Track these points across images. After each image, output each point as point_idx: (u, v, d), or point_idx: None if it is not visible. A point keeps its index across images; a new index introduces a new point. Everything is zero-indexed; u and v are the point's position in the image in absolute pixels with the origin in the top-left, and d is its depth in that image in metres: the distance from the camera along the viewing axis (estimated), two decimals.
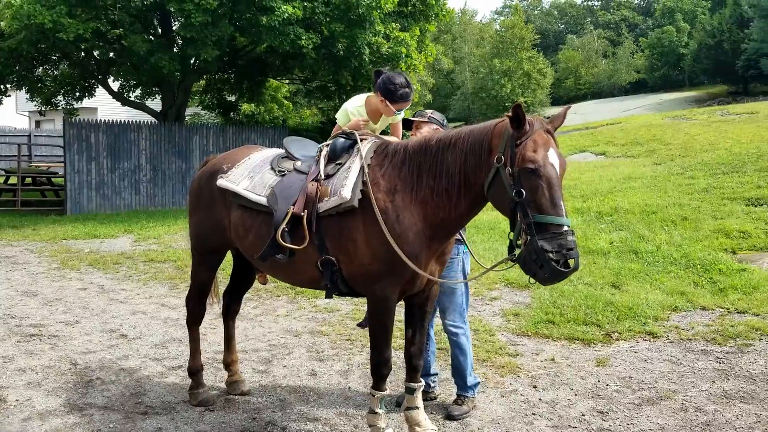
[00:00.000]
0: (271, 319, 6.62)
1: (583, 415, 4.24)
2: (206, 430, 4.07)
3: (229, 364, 4.68)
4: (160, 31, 16.94)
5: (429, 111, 4.47)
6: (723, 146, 14.93)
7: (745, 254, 8.14)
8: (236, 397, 4.57)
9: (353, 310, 6.81)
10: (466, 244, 4.21)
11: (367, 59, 14.81)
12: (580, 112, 35.16)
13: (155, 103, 20.18)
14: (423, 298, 3.84)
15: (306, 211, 3.57)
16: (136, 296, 7.63)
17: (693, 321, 6.15)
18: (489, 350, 5.48)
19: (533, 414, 4.27)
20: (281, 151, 4.12)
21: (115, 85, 19.37)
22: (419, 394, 3.86)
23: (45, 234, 12.25)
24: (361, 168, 3.54)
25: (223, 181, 4.04)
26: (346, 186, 3.48)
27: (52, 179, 18.97)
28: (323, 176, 3.67)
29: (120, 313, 6.82)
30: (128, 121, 16.95)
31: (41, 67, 18.51)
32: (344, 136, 3.82)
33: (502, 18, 62.68)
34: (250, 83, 19.78)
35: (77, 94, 19.19)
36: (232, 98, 21.83)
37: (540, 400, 4.50)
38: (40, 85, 18.50)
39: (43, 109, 20.09)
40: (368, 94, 4.06)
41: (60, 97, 19.23)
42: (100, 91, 19.28)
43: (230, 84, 20.57)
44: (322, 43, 14.48)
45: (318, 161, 3.78)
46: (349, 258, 3.54)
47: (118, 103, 19.01)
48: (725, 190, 10.96)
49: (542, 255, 2.96)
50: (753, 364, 5.05)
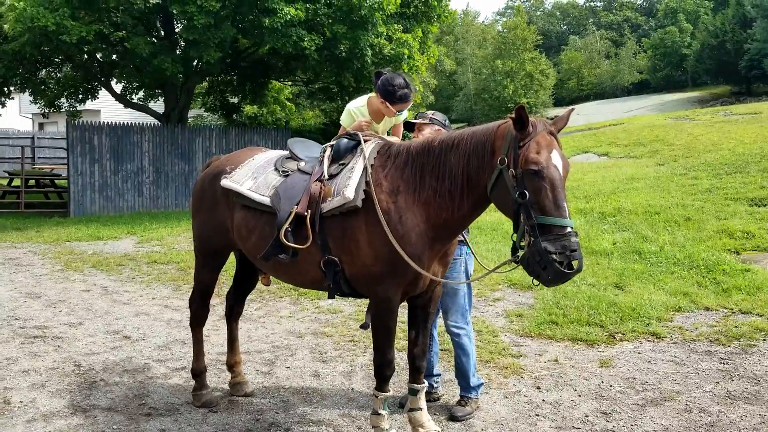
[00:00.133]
0: (274, 321, 6.62)
1: (587, 416, 4.24)
2: (210, 431, 4.08)
3: (232, 366, 4.68)
4: (162, 33, 16.97)
5: (430, 112, 4.46)
6: (726, 147, 14.91)
7: (749, 255, 8.12)
8: (239, 398, 4.58)
9: (356, 312, 6.81)
10: (469, 245, 4.20)
11: (369, 61, 14.81)
12: (582, 113, 35.09)
13: (158, 105, 20.22)
14: (426, 300, 3.84)
15: (309, 211, 3.58)
16: (139, 298, 7.64)
17: (696, 322, 6.14)
18: (492, 351, 5.48)
19: (536, 415, 4.27)
20: (285, 152, 4.13)
21: (118, 88, 19.41)
22: (422, 396, 3.86)
23: (48, 236, 12.27)
24: (364, 168, 3.55)
25: (226, 181, 4.04)
26: (350, 186, 3.48)
27: (56, 181, 19.02)
28: (327, 176, 3.67)
29: (123, 315, 6.83)
30: (131, 123, 16.98)
31: (44, 70, 18.55)
32: (348, 136, 3.83)
33: (505, 19, 62.67)
34: (252, 85, 19.80)
35: (80, 97, 19.25)
36: (235, 100, 21.85)
37: (543, 401, 4.49)
38: (43, 87, 18.56)
39: (47, 112, 20.15)
40: (370, 95, 4.06)
41: (63, 100, 19.29)
42: (103, 94, 19.33)
43: (233, 86, 20.59)
44: (325, 45, 14.49)
45: (322, 162, 3.79)
46: (352, 258, 3.54)
47: (121, 105, 19.04)
48: (728, 191, 10.94)
49: (545, 256, 2.96)
50: (757, 365, 5.04)
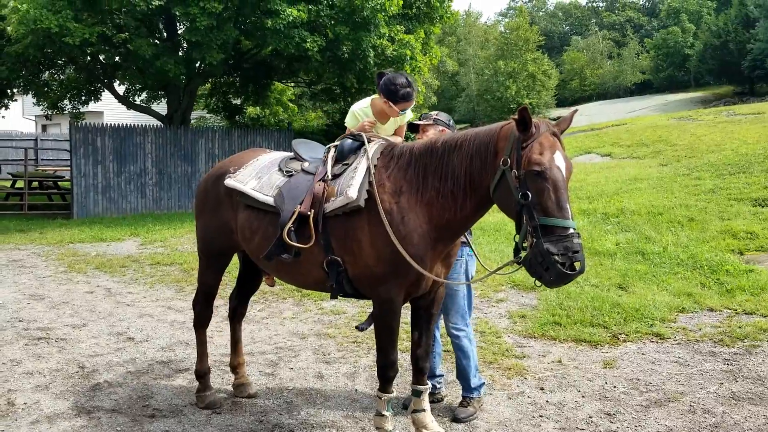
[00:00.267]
0: (278, 322, 6.63)
1: (591, 417, 4.23)
2: None
3: (235, 367, 4.69)
4: (165, 35, 17.00)
5: (434, 112, 4.46)
6: (729, 147, 14.87)
7: (753, 255, 8.11)
8: (243, 399, 4.58)
9: (359, 313, 6.81)
10: (471, 246, 4.20)
11: (371, 62, 14.82)
12: (585, 114, 35.07)
13: (161, 107, 20.23)
14: (429, 301, 3.84)
15: (312, 211, 3.59)
16: (142, 299, 7.65)
17: (700, 322, 6.13)
18: (496, 352, 5.47)
19: (540, 416, 4.26)
20: (289, 153, 4.14)
21: (121, 89, 19.44)
22: (426, 397, 3.86)
23: (52, 237, 12.30)
24: (368, 169, 3.55)
25: (230, 181, 4.05)
26: (353, 186, 3.49)
27: (59, 183, 19.05)
28: (330, 176, 3.68)
29: (127, 316, 6.84)
30: (134, 125, 17.00)
31: (47, 72, 18.58)
32: (352, 137, 3.84)
33: (507, 20, 62.77)
34: (255, 86, 19.81)
35: (83, 98, 19.28)
36: (238, 101, 21.86)
37: (547, 402, 4.49)
38: (46, 89, 18.59)
39: (50, 113, 20.18)
40: (374, 96, 4.06)
41: (66, 101, 19.32)
42: (106, 95, 19.36)
43: (235, 87, 20.61)
44: (327, 46, 14.50)
45: (325, 162, 3.80)
46: (355, 259, 3.55)
47: (124, 107, 19.08)
48: (732, 191, 10.92)
49: (548, 258, 2.96)
50: (761, 366, 5.03)
